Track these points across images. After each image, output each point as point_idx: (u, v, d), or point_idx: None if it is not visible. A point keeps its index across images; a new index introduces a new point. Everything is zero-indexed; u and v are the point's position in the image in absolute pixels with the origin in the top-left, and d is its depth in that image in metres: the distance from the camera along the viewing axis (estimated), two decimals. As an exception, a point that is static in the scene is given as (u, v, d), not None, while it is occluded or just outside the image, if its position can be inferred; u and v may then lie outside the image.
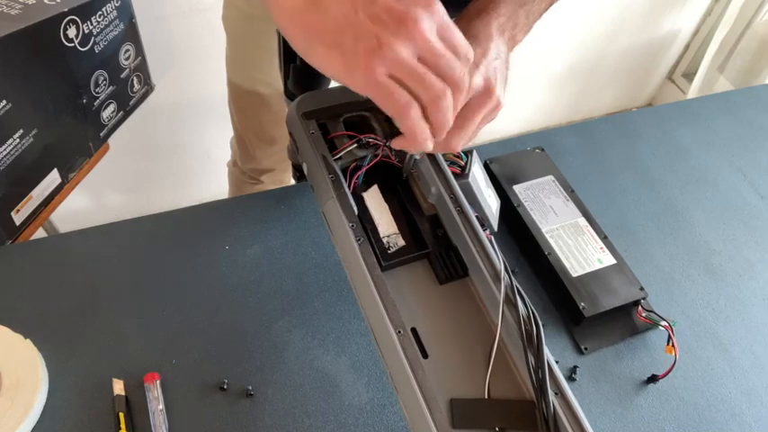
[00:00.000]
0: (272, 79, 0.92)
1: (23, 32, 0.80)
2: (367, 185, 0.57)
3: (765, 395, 0.64)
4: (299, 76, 0.60)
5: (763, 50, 1.88)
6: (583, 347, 0.65)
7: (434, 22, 0.38)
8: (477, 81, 0.45)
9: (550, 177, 0.76)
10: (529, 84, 1.97)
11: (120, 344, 0.61)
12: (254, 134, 1.05)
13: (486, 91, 0.46)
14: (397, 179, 0.58)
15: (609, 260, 0.68)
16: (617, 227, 0.76)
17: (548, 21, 0.58)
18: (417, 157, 0.54)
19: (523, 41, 0.55)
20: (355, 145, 0.56)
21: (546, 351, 0.44)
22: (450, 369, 0.46)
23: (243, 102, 0.99)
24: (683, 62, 2.20)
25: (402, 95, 0.39)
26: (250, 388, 0.58)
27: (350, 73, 0.39)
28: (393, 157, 0.56)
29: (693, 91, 2.06)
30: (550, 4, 0.57)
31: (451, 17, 0.41)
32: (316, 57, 0.40)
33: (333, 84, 0.53)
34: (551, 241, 0.69)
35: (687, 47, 2.16)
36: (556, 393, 0.43)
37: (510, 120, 2.06)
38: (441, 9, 0.39)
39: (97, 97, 1.01)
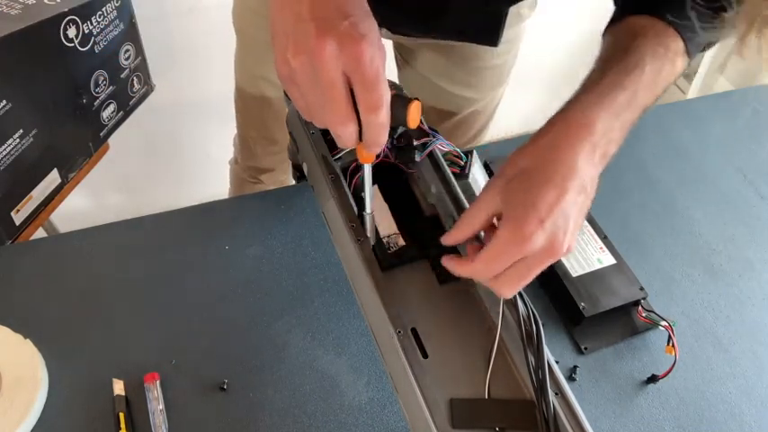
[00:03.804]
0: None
1: (23, 32, 0.80)
2: (367, 185, 0.57)
3: (765, 395, 0.64)
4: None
5: (763, 50, 1.87)
6: (583, 347, 0.65)
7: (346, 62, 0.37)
8: (539, 241, 0.40)
9: (550, 177, 0.76)
10: (529, 84, 1.96)
11: (120, 344, 0.61)
12: (256, 132, 1.05)
13: (549, 250, 0.40)
14: (397, 179, 0.58)
15: (609, 260, 0.68)
16: (617, 227, 0.76)
17: (548, 20, 0.58)
18: (370, 211, 0.50)
19: (524, 42, 0.54)
20: (355, 145, 0.56)
21: (546, 351, 0.44)
22: (450, 369, 0.46)
23: (247, 100, 1.00)
24: (682, 62, 2.20)
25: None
26: (249, 388, 0.58)
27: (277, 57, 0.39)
28: (393, 158, 0.56)
29: (693, 91, 2.06)
30: (644, 110, 0.50)
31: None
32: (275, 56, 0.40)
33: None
34: (551, 241, 0.69)
35: (687, 47, 2.15)
36: (556, 393, 0.43)
37: (510, 120, 2.06)
38: (363, 53, 0.38)
39: (97, 97, 1.01)
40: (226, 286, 0.66)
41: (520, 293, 0.47)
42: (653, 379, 0.63)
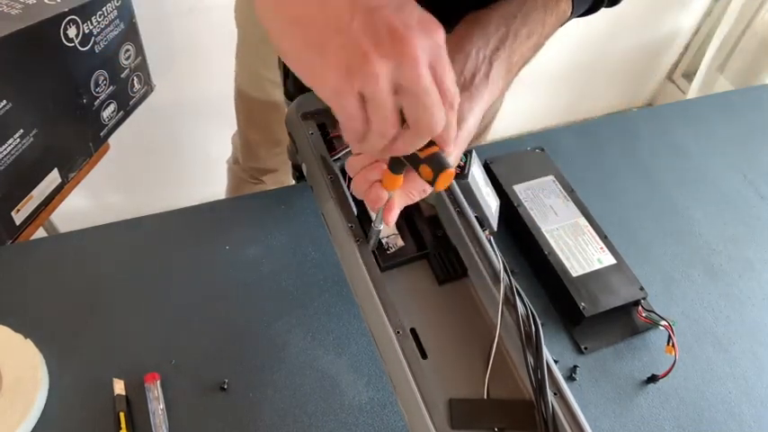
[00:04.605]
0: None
1: (23, 32, 0.80)
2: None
3: (765, 395, 0.64)
4: (299, 76, 0.60)
5: (763, 50, 1.88)
6: (583, 347, 0.65)
7: (431, 53, 0.34)
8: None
9: (550, 177, 0.76)
10: (529, 84, 1.96)
11: (120, 344, 0.61)
12: (260, 135, 1.04)
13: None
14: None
15: (609, 260, 0.68)
16: (617, 227, 0.76)
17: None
18: (380, 227, 0.49)
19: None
20: (355, 145, 0.56)
21: (545, 351, 0.44)
22: (450, 369, 0.46)
23: (251, 103, 0.99)
24: (682, 62, 2.20)
25: (359, 126, 0.36)
26: (250, 388, 0.58)
27: (319, 78, 0.35)
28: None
29: (693, 91, 2.06)
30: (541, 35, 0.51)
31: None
32: (288, 47, 0.36)
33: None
34: (551, 241, 0.69)
35: (687, 47, 2.15)
36: (555, 394, 0.43)
37: (510, 120, 2.06)
38: (441, 39, 0.35)
39: (97, 97, 1.01)
40: (226, 286, 0.66)
41: (519, 294, 0.47)
42: (653, 379, 0.63)
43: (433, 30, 0.35)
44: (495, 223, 0.60)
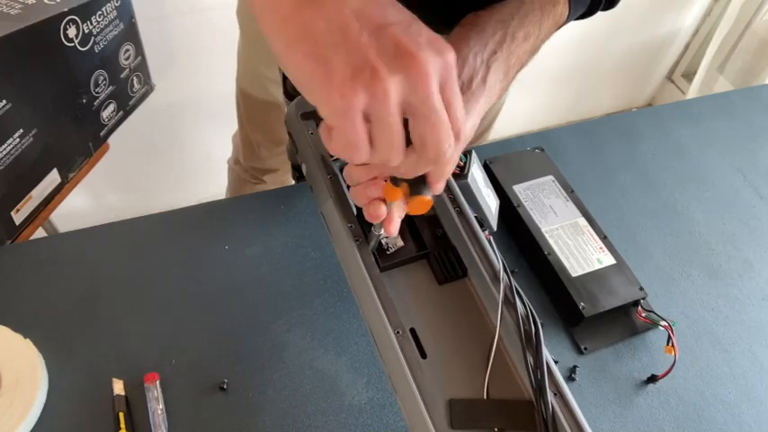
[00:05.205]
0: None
1: (23, 32, 0.80)
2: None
3: (765, 395, 0.64)
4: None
5: (763, 50, 1.88)
6: (582, 347, 0.65)
7: (441, 73, 0.33)
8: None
9: (550, 177, 0.76)
10: (529, 84, 1.96)
11: (120, 344, 0.61)
12: (262, 135, 1.04)
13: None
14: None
15: (608, 260, 0.68)
16: (617, 227, 0.76)
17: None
18: (380, 232, 0.48)
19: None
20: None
21: (545, 351, 0.44)
22: (449, 369, 0.46)
23: (253, 104, 0.98)
24: (682, 62, 2.20)
25: (361, 151, 0.34)
26: (249, 388, 0.58)
27: (324, 93, 0.33)
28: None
29: (693, 91, 2.06)
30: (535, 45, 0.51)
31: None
32: (291, 61, 0.33)
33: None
34: (551, 241, 0.69)
35: (687, 47, 2.16)
36: (555, 394, 0.43)
37: (510, 120, 2.06)
38: (452, 59, 0.34)
39: (97, 97, 1.01)
40: (226, 286, 0.66)
41: (519, 294, 0.47)
42: (652, 379, 0.63)
43: (444, 50, 0.33)
44: (494, 223, 0.60)
